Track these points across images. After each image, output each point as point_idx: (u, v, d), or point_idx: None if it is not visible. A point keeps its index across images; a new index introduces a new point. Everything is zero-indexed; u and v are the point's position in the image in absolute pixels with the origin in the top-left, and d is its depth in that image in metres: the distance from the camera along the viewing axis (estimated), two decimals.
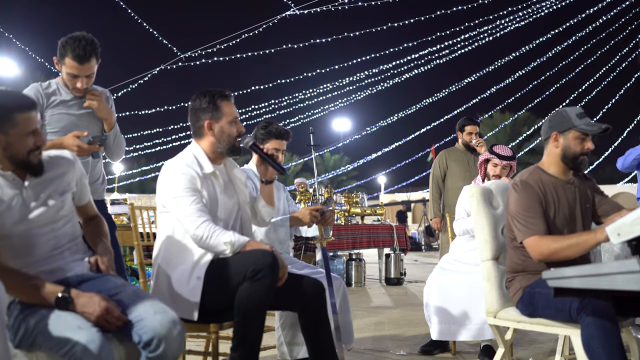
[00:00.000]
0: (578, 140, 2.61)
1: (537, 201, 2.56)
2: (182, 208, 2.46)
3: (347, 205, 8.55)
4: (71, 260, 2.12)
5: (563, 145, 2.64)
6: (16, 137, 1.96)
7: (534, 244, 2.49)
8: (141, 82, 20.09)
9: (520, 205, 2.56)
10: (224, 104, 2.59)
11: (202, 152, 2.61)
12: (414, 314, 5.54)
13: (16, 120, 1.95)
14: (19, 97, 2.02)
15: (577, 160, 2.64)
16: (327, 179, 33.62)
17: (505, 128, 39.57)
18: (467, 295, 3.54)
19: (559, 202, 2.62)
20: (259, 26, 18.71)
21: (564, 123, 2.62)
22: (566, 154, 2.63)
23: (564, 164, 2.66)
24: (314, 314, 2.63)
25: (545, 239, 2.47)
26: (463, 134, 5.51)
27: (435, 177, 5.55)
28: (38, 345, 1.88)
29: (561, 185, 2.66)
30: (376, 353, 3.93)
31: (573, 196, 2.67)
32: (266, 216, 2.87)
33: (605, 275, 1.90)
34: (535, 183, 2.62)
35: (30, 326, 1.89)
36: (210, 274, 2.45)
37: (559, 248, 2.42)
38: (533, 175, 2.66)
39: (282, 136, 3.29)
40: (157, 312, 1.90)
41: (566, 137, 2.62)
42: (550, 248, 2.44)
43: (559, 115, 2.65)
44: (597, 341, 2.15)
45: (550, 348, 3.93)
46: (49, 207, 2.09)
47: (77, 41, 2.89)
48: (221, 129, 2.58)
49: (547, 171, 2.69)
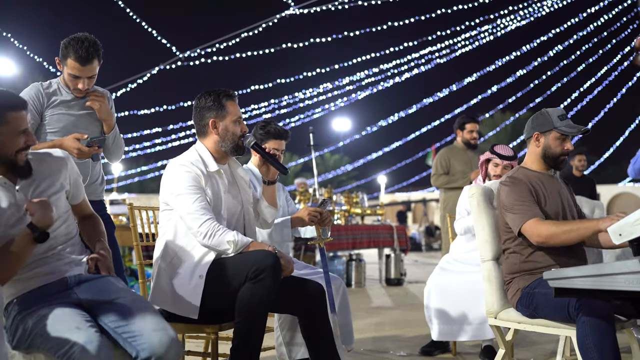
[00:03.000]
0: (558, 140, 2.72)
1: (528, 191, 2.65)
2: (185, 205, 2.45)
3: (347, 205, 8.54)
4: (68, 261, 2.10)
5: (544, 145, 2.74)
6: (7, 135, 1.97)
7: (533, 226, 2.53)
8: (140, 82, 20.08)
9: (513, 196, 2.64)
10: (229, 103, 2.60)
11: (207, 151, 2.61)
12: (414, 314, 5.52)
13: (7, 118, 1.96)
14: (10, 96, 2.03)
15: (557, 159, 2.75)
16: (327, 179, 33.68)
17: (506, 128, 39.57)
18: (468, 295, 3.53)
19: (547, 192, 2.71)
20: (258, 25, 18.70)
21: (545, 124, 2.73)
22: (547, 154, 2.74)
23: (545, 162, 2.77)
24: (314, 319, 2.61)
25: (545, 222, 2.54)
26: (463, 132, 5.49)
27: (437, 173, 5.52)
28: (36, 347, 1.87)
29: (546, 178, 2.77)
30: (376, 354, 3.92)
31: (559, 189, 2.77)
32: (269, 217, 2.87)
33: (606, 276, 1.89)
34: (523, 177, 2.72)
35: (28, 327, 1.88)
36: (212, 274, 2.44)
37: (559, 231, 2.48)
38: (519, 172, 2.77)
39: (281, 136, 3.28)
40: (156, 329, 1.89)
41: (547, 138, 2.74)
42: (549, 230, 2.49)
43: (542, 116, 2.76)
44: (590, 340, 2.17)
45: (551, 349, 3.92)
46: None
47: (79, 42, 2.88)
48: (225, 128, 2.59)
49: (531, 168, 2.80)
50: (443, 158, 5.53)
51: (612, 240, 2.01)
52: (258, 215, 2.85)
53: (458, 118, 5.65)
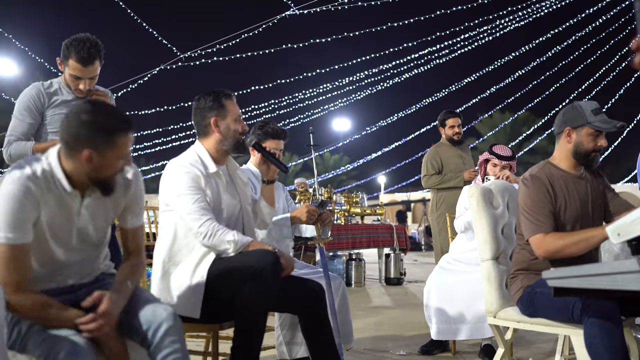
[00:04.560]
0: (591, 137, 2.55)
1: (546, 196, 2.52)
2: (185, 206, 2.47)
3: (347, 205, 8.55)
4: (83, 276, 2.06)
5: (576, 141, 2.58)
6: (111, 159, 1.86)
7: (540, 241, 2.45)
8: (141, 82, 20.06)
9: (530, 199, 2.52)
10: (229, 103, 2.63)
11: (206, 151, 2.62)
12: (414, 314, 5.53)
13: (116, 143, 1.85)
14: (121, 118, 1.89)
15: (589, 157, 2.58)
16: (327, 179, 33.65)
17: (505, 128, 39.55)
18: (467, 295, 3.54)
19: (569, 196, 2.57)
20: (258, 26, 18.69)
21: (578, 119, 2.55)
22: (578, 150, 2.58)
23: (575, 160, 2.61)
24: (314, 317, 2.64)
25: (551, 236, 2.44)
26: (445, 129, 5.37)
27: (428, 174, 5.38)
28: (29, 351, 1.84)
29: (572, 179, 2.61)
30: (376, 353, 3.93)
31: (585, 190, 2.62)
32: (267, 217, 2.88)
33: (605, 275, 1.90)
34: (545, 177, 2.57)
35: (22, 331, 1.85)
36: (212, 273, 2.45)
37: (566, 245, 2.38)
38: (544, 169, 2.62)
39: (279, 136, 3.29)
40: (150, 305, 1.93)
41: (579, 133, 2.56)
42: (556, 245, 2.40)
43: (574, 110, 2.58)
44: (599, 341, 2.14)
45: (550, 348, 3.93)
46: (94, 231, 2.01)
47: (81, 43, 2.89)
48: (227, 126, 2.61)
49: (558, 166, 2.65)
50: (433, 158, 5.34)
51: (610, 239, 2.02)
52: (256, 215, 2.86)
53: (439, 115, 5.44)
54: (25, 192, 1.81)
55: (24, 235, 1.82)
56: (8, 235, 1.79)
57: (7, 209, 1.79)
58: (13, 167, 1.90)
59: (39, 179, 1.85)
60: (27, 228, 1.82)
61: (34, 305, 1.82)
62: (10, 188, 1.80)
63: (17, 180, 1.81)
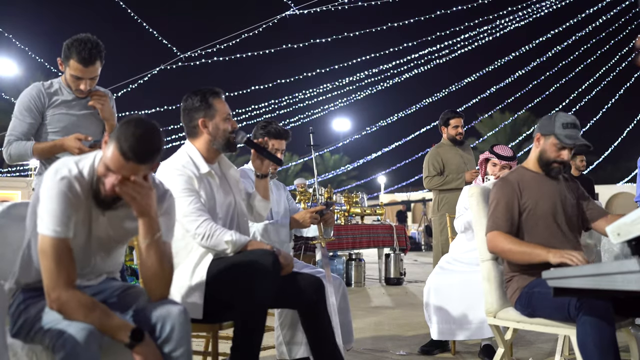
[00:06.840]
0: (555, 147, 2.68)
1: (510, 199, 2.66)
2: (181, 208, 2.45)
3: (347, 205, 8.55)
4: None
5: (542, 147, 2.73)
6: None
7: (492, 237, 2.62)
8: (141, 82, 20.08)
9: (495, 199, 2.68)
10: (216, 102, 2.59)
11: (197, 152, 2.60)
12: (414, 314, 5.54)
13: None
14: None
15: (549, 165, 2.71)
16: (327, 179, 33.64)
17: (505, 128, 39.56)
18: (467, 295, 3.54)
19: (541, 193, 2.69)
20: (258, 26, 18.70)
21: (548, 127, 2.70)
22: (542, 157, 2.73)
23: (539, 165, 2.75)
24: (314, 310, 2.64)
25: (503, 236, 2.59)
26: (448, 128, 5.31)
27: (429, 175, 5.36)
28: (36, 338, 1.84)
29: (543, 179, 2.74)
30: (376, 353, 3.93)
31: (556, 189, 2.73)
32: (262, 211, 2.88)
33: (605, 275, 1.90)
34: (514, 180, 2.71)
35: (30, 316, 1.87)
36: (211, 274, 2.45)
37: (511, 250, 2.55)
38: (515, 173, 2.78)
39: (281, 136, 3.29)
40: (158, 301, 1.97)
41: (546, 142, 2.71)
42: (503, 246, 2.57)
43: (549, 118, 2.73)
44: (590, 339, 2.18)
45: (550, 348, 3.93)
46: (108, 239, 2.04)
47: (82, 44, 2.88)
48: (216, 126, 2.58)
49: (530, 168, 2.79)
50: (434, 159, 5.28)
51: (610, 239, 2.02)
52: (252, 209, 2.86)
53: (441, 114, 5.40)
54: (72, 190, 1.86)
55: (69, 231, 1.86)
56: (57, 229, 1.83)
57: (55, 205, 1.83)
58: (57, 164, 1.92)
59: (84, 179, 1.90)
60: (70, 224, 1.87)
61: (80, 304, 1.81)
62: (60, 185, 1.85)
63: (65, 178, 1.86)
